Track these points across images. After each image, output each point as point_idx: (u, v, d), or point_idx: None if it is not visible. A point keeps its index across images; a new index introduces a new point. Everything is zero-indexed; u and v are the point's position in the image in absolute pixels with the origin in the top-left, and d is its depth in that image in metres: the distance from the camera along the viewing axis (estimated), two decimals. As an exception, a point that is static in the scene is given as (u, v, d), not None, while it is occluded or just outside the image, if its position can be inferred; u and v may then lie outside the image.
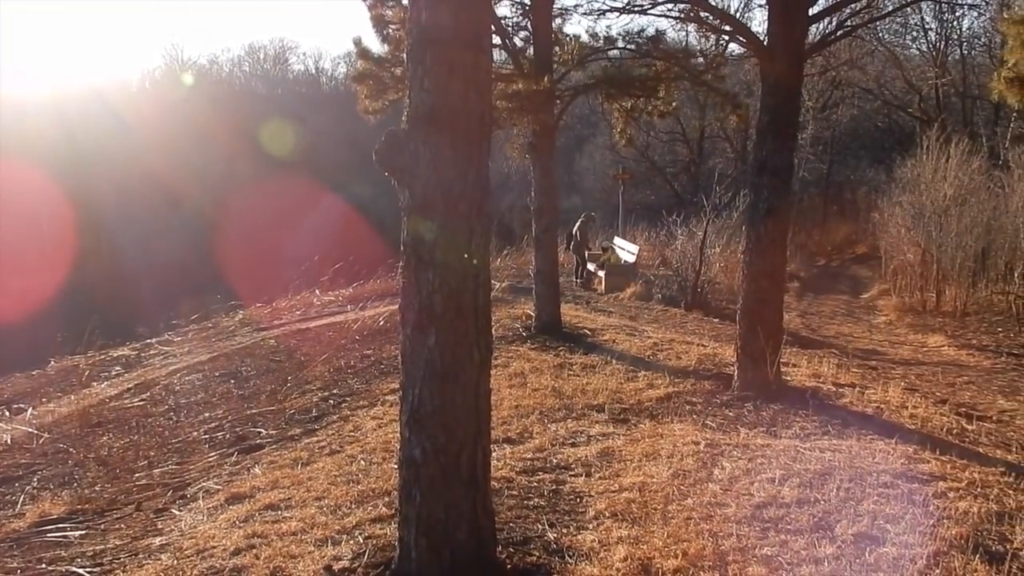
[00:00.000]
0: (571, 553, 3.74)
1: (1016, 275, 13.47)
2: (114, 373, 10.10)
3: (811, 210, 27.50)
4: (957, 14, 24.42)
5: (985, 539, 3.87)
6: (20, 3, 69.24)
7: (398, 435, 3.53)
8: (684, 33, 26.36)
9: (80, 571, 4.14)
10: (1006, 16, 8.57)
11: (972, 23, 26.70)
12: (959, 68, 26.05)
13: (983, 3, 20.50)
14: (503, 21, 9.72)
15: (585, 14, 9.59)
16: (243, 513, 4.58)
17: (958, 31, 26.23)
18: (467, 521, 3.43)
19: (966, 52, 26.35)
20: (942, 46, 25.94)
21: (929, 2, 21.40)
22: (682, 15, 9.03)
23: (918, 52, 27.20)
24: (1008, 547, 3.78)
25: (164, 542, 4.37)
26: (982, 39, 26.08)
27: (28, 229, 25.73)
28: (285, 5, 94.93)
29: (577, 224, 16.75)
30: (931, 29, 26.10)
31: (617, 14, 8.65)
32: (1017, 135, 19.70)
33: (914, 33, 26.73)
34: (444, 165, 3.30)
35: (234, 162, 36.12)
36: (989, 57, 24.33)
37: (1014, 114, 20.13)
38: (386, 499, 4.46)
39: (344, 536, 4.03)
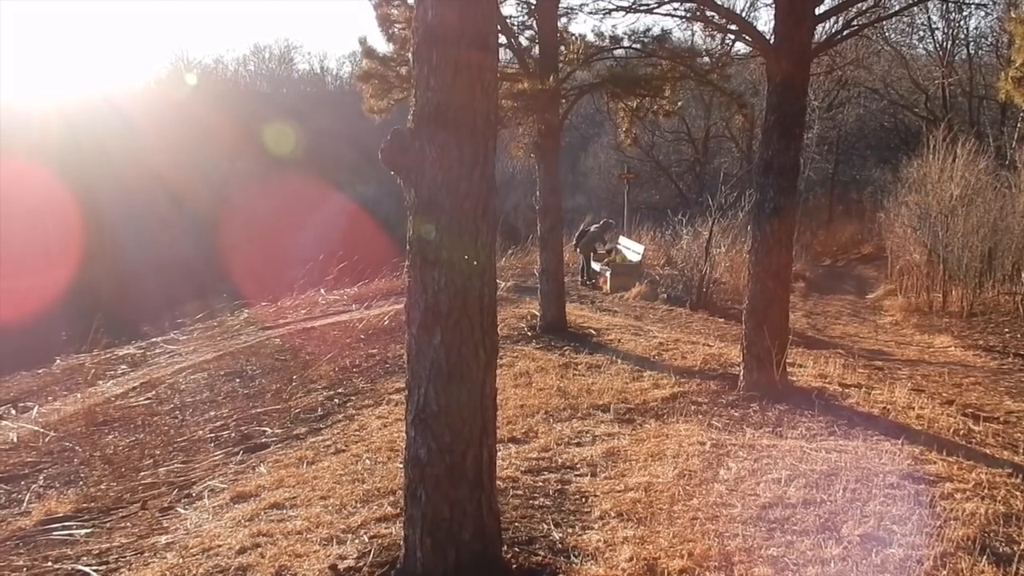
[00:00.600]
0: (576, 553, 3.74)
1: (1023, 275, 13.41)
2: (120, 372, 10.12)
3: (817, 210, 27.47)
4: (964, 13, 24.41)
5: (992, 540, 3.85)
6: (25, 8, 69.40)
7: (403, 434, 3.52)
8: (690, 32, 26.29)
9: (86, 569, 4.15)
10: (1013, 16, 8.55)
11: (979, 23, 26.77)
12: (966, 68, 25.99)
13: (990, 2, 20.45)
14: (508, 20, 9.72)
15: (591, 13, 9.57)
16: (248, 512, 4.58)
17: (965, 31, 26.22)
18: (472, 521, 3.42)
19: (973, 52, 26.32)
20: (949, 46, 25.91)
21: (936, 1, 21.36)
22: (688, 14, 9.02)
23: (924, 52, 27.18)
24: (1015, 548, 3.76)
25: (170, 541, 4.37)
26: (989, 39, 26.06)
27: (33, 229, 25.78)
28: (290, 5, 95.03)
29: (594, 226, 16.70)
30: (938, 28, 26.10)
31: (623, 13, 8.63)
32: (1024, 135, 19.62)
33: (921, 33, 26.72)
34: (450, 164, 3.29)
35: (239, 161, 36.17)
36: (996, 57, 24.28)
37: (1021, 114, 20.05)
38: (391, 498, 4.46)
39: (349, 535, 4.03)
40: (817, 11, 6.77)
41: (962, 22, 25.62)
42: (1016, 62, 7.37)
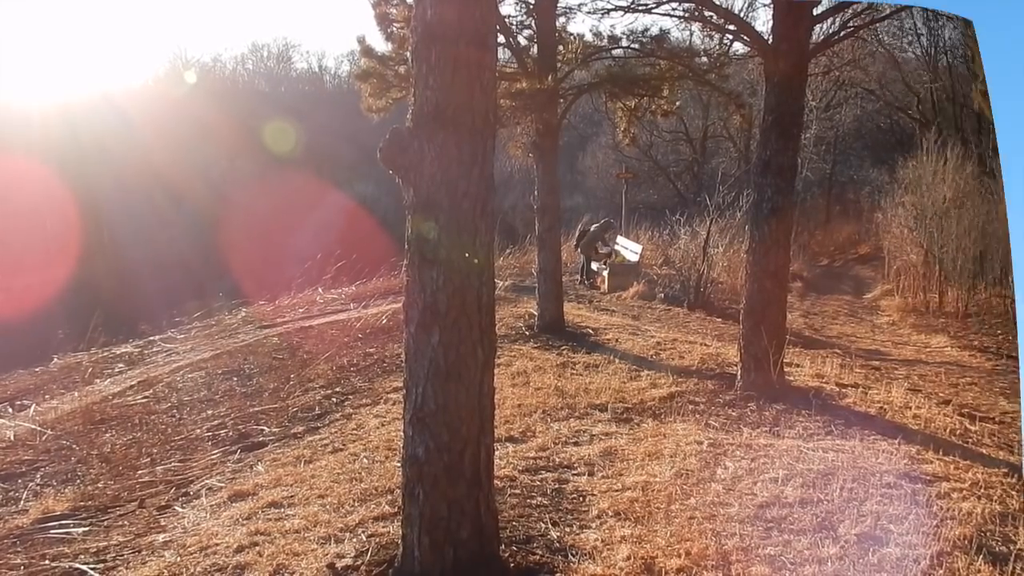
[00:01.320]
0: (574, 552, 3.74)
1: (1010, 279, 13.43)
2: (117, 370, 10.10)
3: (814, 210, 27.45)
4: (939, 23, 24.27)
5: (988, 540, 3.87)
6: (25, 7, 69.15)
7: (401, 433, 3.53)
8: (688, 32, 26.25)
9: (84, 568, 4.14)
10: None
11: (951, 33, 26.37)
12: (948, 75, 25.89)
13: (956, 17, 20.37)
14: (507, 19, 9.71)
15: (589, 13, 9.60)
16: (246, 511, 4.58)
17: (943, 39, 26.04)
18: (470, 520, 3.43)
19: (950, 61, 26.13)
20: (932, 52, 25.80)
21: (919, 8, 21.29)
22: (686, 14, 9.00)
23: (914, 56, 27.08)
24: (1012, 548, 3.78)
25: (167, 539, 4.37)
26: (960, 50, 25.86)
27: (32, 227, 25.74)
28: (288, 4, 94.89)
29: (594, 226, 16.69)
30: (922, 34, 25.98)
31: (621, 13, 8.64)
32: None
33: (909, 37, 26.64)
34: (449, 163, 3.30)
35: (237, 159, 36.11)
36: (966, 69, 24.10)
37: (991, 126, 20.00)
38: (389, 497, 4.46)
39: (347, 534, 4.03)
40: (815, 11, 6.79)
41: (939, 31, 25.47)
42: (979, 76, 7.37)
